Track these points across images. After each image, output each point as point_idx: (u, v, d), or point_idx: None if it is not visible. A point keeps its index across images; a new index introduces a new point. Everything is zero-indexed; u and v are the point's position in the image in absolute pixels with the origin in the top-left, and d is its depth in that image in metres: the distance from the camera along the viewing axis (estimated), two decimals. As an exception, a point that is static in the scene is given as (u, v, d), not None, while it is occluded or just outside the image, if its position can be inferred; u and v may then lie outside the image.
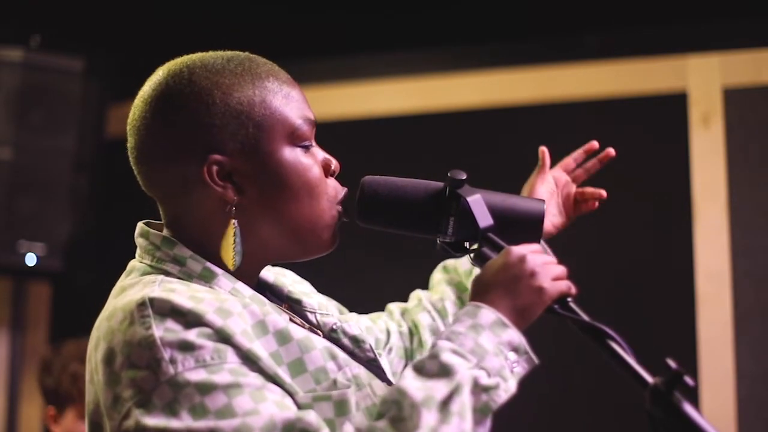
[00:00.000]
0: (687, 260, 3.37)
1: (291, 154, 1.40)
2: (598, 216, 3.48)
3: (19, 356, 3.73)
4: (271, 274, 1.55)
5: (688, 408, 1.23)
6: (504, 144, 3.62)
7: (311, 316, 1.51)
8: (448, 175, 1.45)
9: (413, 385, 1.26)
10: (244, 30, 3.67)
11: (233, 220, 1.37)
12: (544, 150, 1.91)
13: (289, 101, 1.41)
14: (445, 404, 1.24)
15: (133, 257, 1.45)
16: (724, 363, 3.28)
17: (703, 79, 3.43)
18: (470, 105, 3.66)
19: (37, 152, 3.55)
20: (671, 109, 3.45)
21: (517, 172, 3.50)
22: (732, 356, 3.29)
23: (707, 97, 3.42)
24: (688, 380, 1.23)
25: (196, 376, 1.25)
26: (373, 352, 1.51)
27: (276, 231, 1.40)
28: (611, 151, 1.90)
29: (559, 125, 3.58)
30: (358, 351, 1.49)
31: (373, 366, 1.46)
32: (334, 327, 1.50)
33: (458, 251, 1.46)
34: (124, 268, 1.44)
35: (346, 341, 1.49)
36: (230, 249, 1.37)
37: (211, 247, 1.39)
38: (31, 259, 3.53)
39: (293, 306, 1.52)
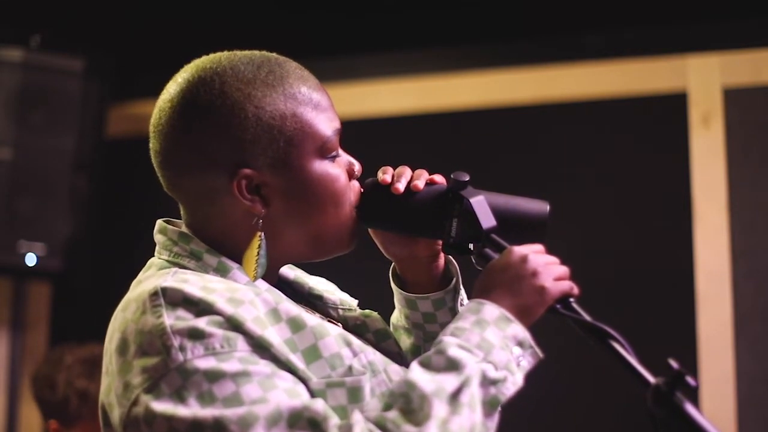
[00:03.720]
0: (687, 260, 3.37)
1: (320, 166, 1.40)
2: (598, 216, 3.49)
3: (19, 356, 3.73)
4: (291, 272, 1.55)
5: (690, 408, 1.23)
6: (504, 144, 3.62)
7: (333, 312, 1.51)
8: (451, 176, 1.45)
9: (422, 377, 1.26)
10: (243, 30, 3.67)
11: (260, 233, 1.38)
12: None
13: (320, 112, 1.41)
14: (455, 396, 1.25)
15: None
16: (724, 363, 3.28)
17: (703, 79, 3.43)
18: (470, 105, 3.66)
19: (37, 152, 3.55)
20: (671, 109, 3.45)
21: (517, 172, 3.51)
22: (732, 356, 3.29)
23: (707, 97, 3.42)
24: (690, 380, 1.23)
25: (205, 363, 1.25)
26: (398, 347, 1.51)
27: (299, 238, 1.41)
28: None
29: (559, 125, 3.58)
30: (384, 345, 1.49)
31: (399, 360, 1.46)
32: (358, 322, 1.50)
33: (461, 252, 1.46)
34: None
35: (369, 336, 1.49)
36: (253, 261, 1.38)
37: (233, 252, 1.40)
38: (31, 259, 3.53)
39: (314, 303, 1.52)
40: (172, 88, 1.41)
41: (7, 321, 3.79)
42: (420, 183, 1.45)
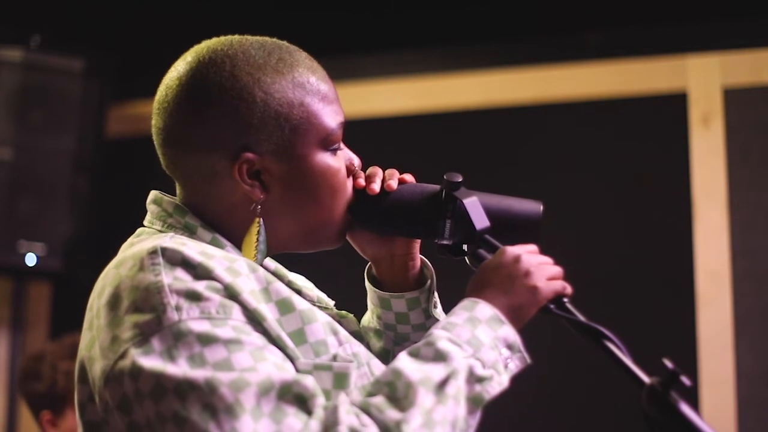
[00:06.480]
0: (687, 260, 3.37)
1: (321, 157, 1.40)
2: (597, 216, 3.49)
3: (19, 356, 3.72)
4: (272, 263, 1.55)
5: (685, 408, 1.23)
6: (504, 144, 3.62)
7: None
8: (444, 177, 1.45)
9: (409, 366, 1.27)
10: (244, 30, 3.67)
11: (258, 219, 1.39)
12: None
13: (326, 104, 1.42)
14: (441, 387, 1.25)
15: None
16: (724, 363, 3.28)
17: (703, 79, 3.43)
18: (470, 105, 3.66)
19: (37, 152, 3.55)
20: (671, 109, 3.45)
21: (516, 172, 3.51)
22: (732, 356, 3.29)
23: (707, 97, 3.42)
24: (685, 380, 1.23)
25: (199, 326, 1.25)
26: (370, 350, 1.51)
27: (291, 227, 1.42)
28: None
29: (559, 125, 3.58)
30: None
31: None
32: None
33: (455, 254, 1.46)
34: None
35: None
36: (252, 246, 1.39)
37: (227, 235, 1.40)
38: (31, 259, 3.53)
39: None
40: (181, 67, 1.41)
41: (7, 321, 3.79)
42: (393, 183, 1.46)
